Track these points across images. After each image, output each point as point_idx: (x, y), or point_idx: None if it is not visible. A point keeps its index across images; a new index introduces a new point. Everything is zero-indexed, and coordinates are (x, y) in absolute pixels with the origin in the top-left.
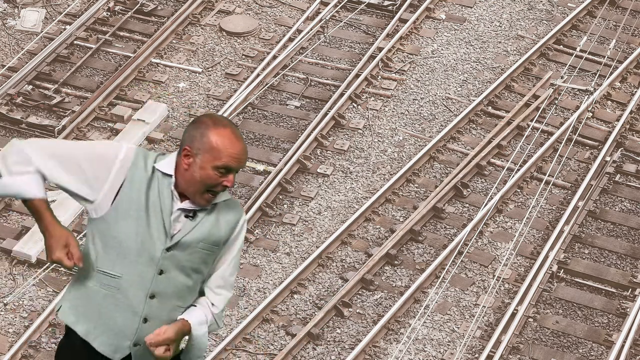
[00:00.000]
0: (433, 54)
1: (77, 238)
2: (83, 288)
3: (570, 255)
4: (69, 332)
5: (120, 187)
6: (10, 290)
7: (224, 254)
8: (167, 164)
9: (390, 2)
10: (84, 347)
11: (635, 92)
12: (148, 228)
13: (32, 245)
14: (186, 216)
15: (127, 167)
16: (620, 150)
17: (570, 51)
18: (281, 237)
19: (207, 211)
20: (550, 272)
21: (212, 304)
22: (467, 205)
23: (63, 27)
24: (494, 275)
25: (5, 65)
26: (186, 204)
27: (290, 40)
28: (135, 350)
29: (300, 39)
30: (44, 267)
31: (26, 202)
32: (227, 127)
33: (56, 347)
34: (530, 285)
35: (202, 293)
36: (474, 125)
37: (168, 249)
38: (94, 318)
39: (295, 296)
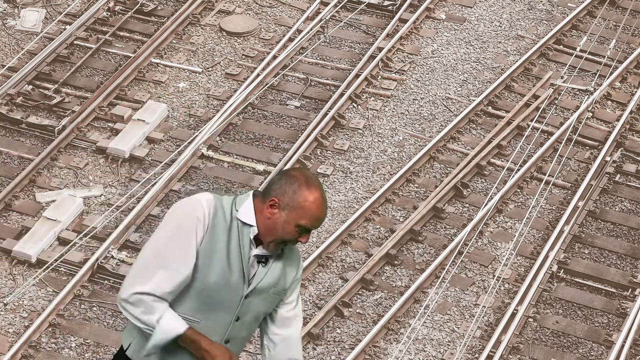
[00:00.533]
0: (433, 54)
1: (79, 237)
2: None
3: (570, 255)
4: None
5: (203, 238)
6: (10, 290)
7: (290, 295)
8: (246, 211)
9: (390, 2)
10: None
11: (635, 92)
12: (230, 276)
13: (32, 245)
14: (258, 262)
15: (209, 220)
16: (620, 150)
17: (570, 51)
18: None
19: (274, 257)
20: (550, 272)
21: None
22: (467, 205)
23: (63, 27)
24: (494, 275)
25: (5, 65)
26: (259, 250)
27: (290, 40)
28: None
29: (300, 39)
30: (44, 267)
31: (178, 340)
32: (318, 190)
33: None
34: (530, 285)
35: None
36: (474, 125)
37: (246, 296)
38: (168, 357)
39: None
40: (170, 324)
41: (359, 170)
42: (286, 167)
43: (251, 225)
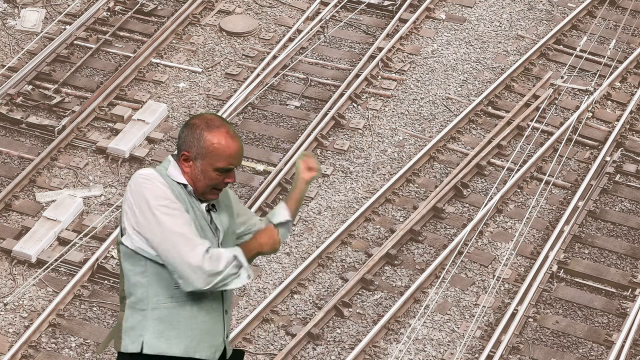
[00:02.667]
0: (433, 54)
1: (79, 237)
2: (162, 314)
3: (570, 255)
4: None
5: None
6: (10, 290)
7: (240, 215)
8: (175, 171)
9: (390, 2)
10: None
11: (635, 92)
12: (206, 233)
13: (32, 245)
14: (208, 210)
15: (170, 190)
16: (620, 150)
17: (570, 51)
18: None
19: (215, 201)
20: (550, 272)
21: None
22: (467, 205)
23: (63, 27)
24: (494, 275)
25: (5, 65)
26: (203, 202)
27: (290, 40)
28: (227, 341)
29: (300, 39)
30: (44, 267)
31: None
32: (221, 128)
33: None
34: (530, 285)
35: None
36: (474, 125)
37: (220, 244)
38: (187, 333)
39: (295, 296)
40: (232, 249)
41: (359, 170)
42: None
43: (185, 185)
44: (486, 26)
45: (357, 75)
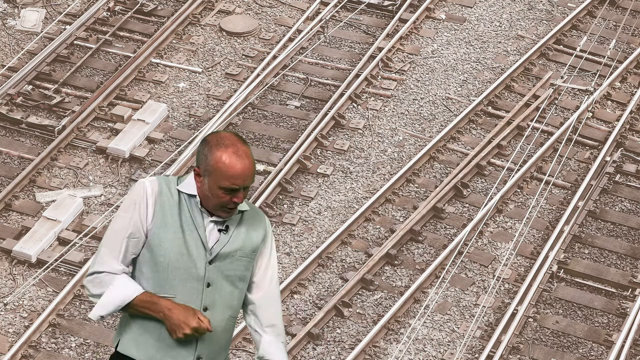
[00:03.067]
0: (433, 54)
1: (79, 237)
2: (139, 317)
3: (570, 255)
4: None
5: (153, 214)
6: (10, 290)
7: (258, 259)
8: (188, 184)
9: (390, 2)
10: None
11: (635, 92)
12: (188, 246)
13: (32, 245)
14: (219, 230)
15: (155, 197)
16: (620, 150)
17: (570, 51)
18: (281, 237)
19: (236, 222)
20: (550, 272)
21: (276, 334)
22: (467, 205)
23: (63, 27)
24: (494, 275)
25: (5, 65)
26: (215, 217)
27: (290, 40)
28: None
29: (300, 39)
30: (44, 267)
31: (130, 304)
32: (229, 147)
33: None
34: (530, 285)
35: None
36: (474, 125)
37: (210, 262)
38: (154, 344)
39: (295, 296)
40: (122, 288)
41: (359, 170)
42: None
43: (194, 196)
44: (486, 26)
45: (357, 75)
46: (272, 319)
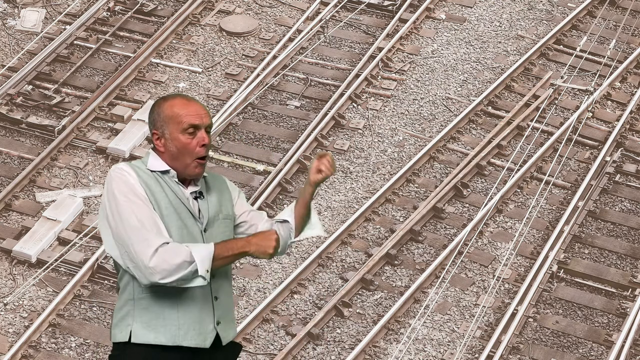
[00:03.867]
0: (433, 54)
1: (79, 237)
2: (147, 303)
3: (570, 255)
4: (140, 352)
5: (147, 195)
6: (10, 290)
7: (240, 211)
8: (155, 162)
9: (390, 2)
10: (168, 357)
11: (635, 92)
12: (183, 220)
13: (32, 245)
14: (195, 198)
15: (139, 179)
16: (620, 150)
17: (570, 51)
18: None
19: (205, 188)
20: (550, 272)
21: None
22: (467, 205)
23: (63, 27)
24: (494, 275)
25: (5, 65)
26: (191, 188)
27: (290, 40)
28: (219, 328)
29: (300, 39)
30: (44, 267)
31: (214, 257)
32: (175, 97)
33: None
34: (530, 285)
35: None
36: (474, 125)
37: (205, 230)
38: (174, 322)
39: (295, 296)
40: (201, 246)
41: (359, 170)
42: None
43: (167, 170)
44: (486, 26)
45: (357, 75)
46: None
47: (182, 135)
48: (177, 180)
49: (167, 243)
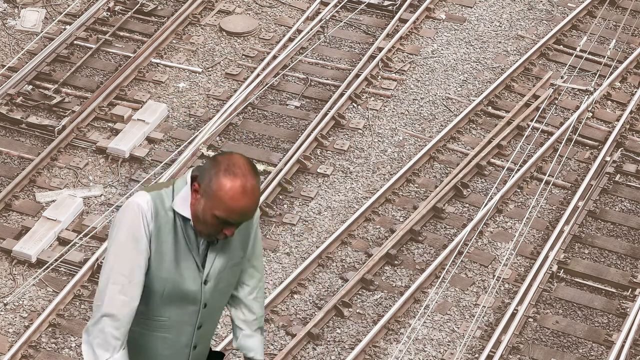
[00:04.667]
0: (433, 54)
1: (79, 237)
2: (132, 335)
3: (570, 255)
4: None
5: (150, 243)
6: (10, 290)
7: (247, 252)
8: (184, 202)
9: (390, 2)
10: None
11: (635, 92)
12: (183, 272)
13: (32, 245)
14: (209, 243)
15: (152, 225)
16: (620, 150)
17: (570, 51)
18: (281, 237)
19: None
20: (550, 272)
21: (255, 318)
22: (467, 205)
23: (63, 27)
24: (494, 275)
25: (5, 65)
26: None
27: (290, 40)
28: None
29: (300, 39)
30: (44, 267)
31: None
32: (238, 178)
33: None
34: (530, 285)
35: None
36: (474, 125)
37: (205, 282)
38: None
39: (295, 296)
40: None
41: (359, 170)
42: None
43: (188, 220)
44: (486, 26)
45: (357, 75)
46: (257, 308)
47: (213, 218)
48: (194, 226)
49: (114, 322)
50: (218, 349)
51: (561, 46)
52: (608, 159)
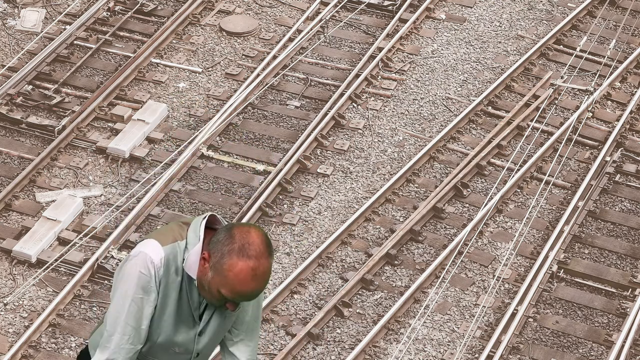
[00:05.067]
0: (433, 54)
1: (79, 237)
2: None
3: (570, 255)
4: None
5: (156, 298)
6: (10, 290)
7: (241, 320)
8: (193, 264)
9: (390, 2)
10: None
11: (635, 92)
12: (181, 327)
13: (32, 245)
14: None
15: (160, 281)
16: (620, 150)
17: (570, 51)
18: (281, 237)
19: None
20: (550, 272)
21: None
22: (467, 205)
23: (63, 27)
24: (494, 275)
25: (5, 65)
26: None
27: (290, 40)
28: None
29: (300, 39)
30: (44, 267)
31: None
32: (251, 261)
33: None
34: (530, 285)
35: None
36: (474, 125)
37: (200, 333)
38: None
39: (295, 296)
40: None
41: (359, 170)
42: (243, 221)
43: (194, 279)
44: (486, 26)
45: (357, 75)
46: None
47: (218, 293)
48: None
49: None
50: None
51: (561, 46)
52: (608, 159)
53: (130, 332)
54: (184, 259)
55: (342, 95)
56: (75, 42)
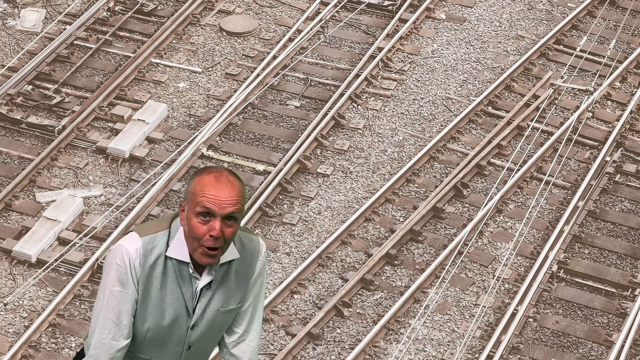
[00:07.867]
0: (433, 54)
1: (79, 237)
2: None
3: (570, 255)
4: None
5: (136, 289)
6: (10, 290)
7: (247, 301)
8: (177, 246)
9: (390, 2)
10: None
11: (635, 92)
12: (170, 317)
13: (32, 245)
14: (203, 287)
15: (140, 265)
16: (620, 150)
17: (570, 51)
18: (281, 237)
19: (221, 276)
20: (550, 272)
21: None
22: (467, 205)
23: (63, 27)
24: (494, 275)
25: (5, 65)
26: (206, 278)
27: (290, 40)
28: None
29: (300, 39)
30: (44, 267)
31: None
32: (212, 172)
33: None
34: (530, 285)
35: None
36: (474, 125)
37: (192, 327)
38: None
39: (295, 296)
40: None
41: (359, 170)
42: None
43: (187, 262)
44: (486, 26)
45: (357, 75)
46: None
47: (196, 218)
48: (192, 271)
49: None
50: None
51: (561, 46)
52: (608, 159)
53: (110, 326)
54: (168, 242)
55: (342, 95)
56: (75, 42)
